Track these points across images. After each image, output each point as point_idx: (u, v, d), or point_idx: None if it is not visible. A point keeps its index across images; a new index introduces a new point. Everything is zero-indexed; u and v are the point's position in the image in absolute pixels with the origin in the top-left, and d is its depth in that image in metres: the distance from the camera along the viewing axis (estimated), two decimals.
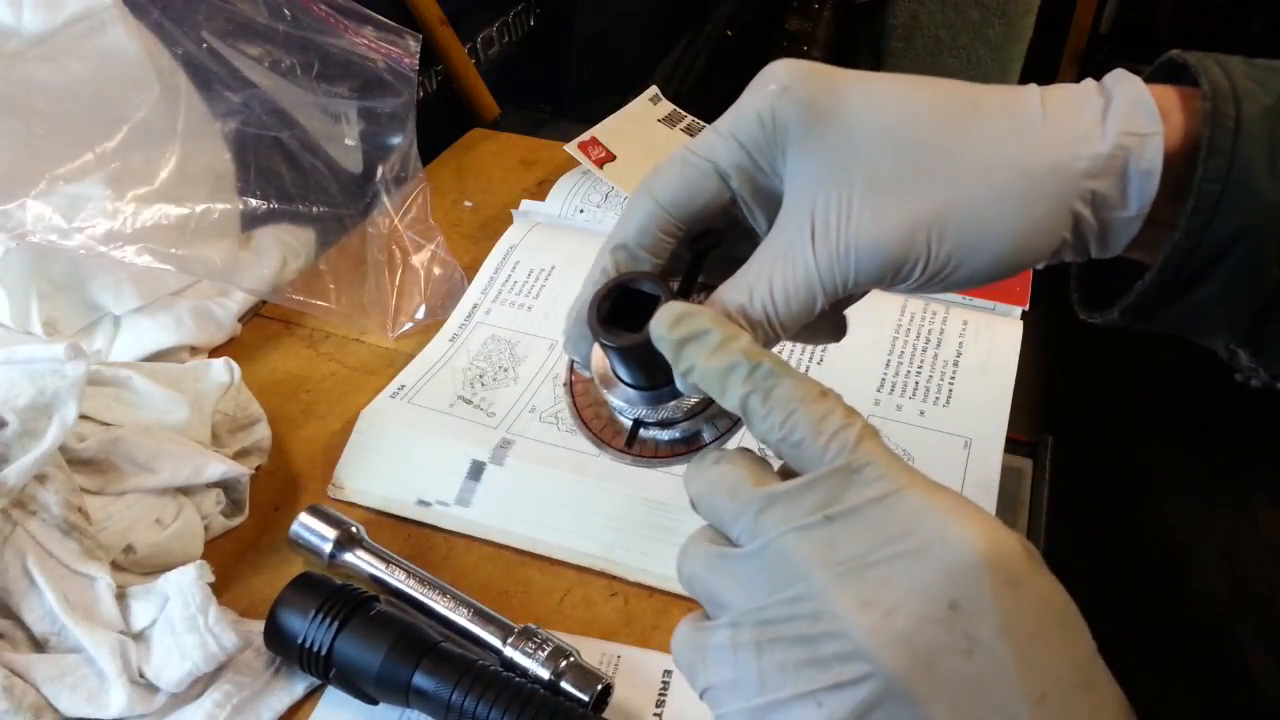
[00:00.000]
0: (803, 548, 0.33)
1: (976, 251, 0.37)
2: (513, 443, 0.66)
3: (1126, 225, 0.37)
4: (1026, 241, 0.37)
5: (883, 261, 0.36)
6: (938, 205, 0.36)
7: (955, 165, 0.36)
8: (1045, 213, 0.36)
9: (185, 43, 0.75)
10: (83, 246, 0.66)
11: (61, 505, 0.54)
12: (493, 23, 1.19)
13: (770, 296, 0.37)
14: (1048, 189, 0.36)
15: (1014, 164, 0.36)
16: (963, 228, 0.36)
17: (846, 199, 0.37)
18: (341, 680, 0.52)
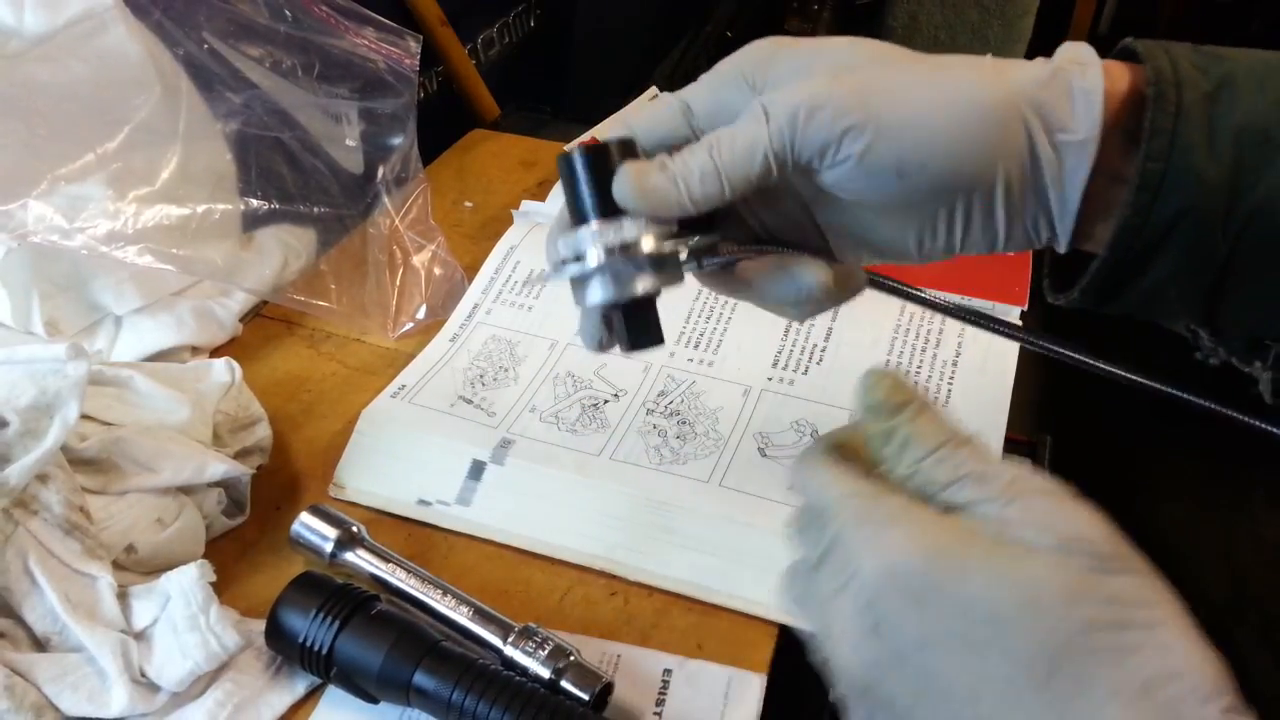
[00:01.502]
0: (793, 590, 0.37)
1: (920, 120, 0.39)
2: (513, 442, 0.66)
3: (1078, 151, 0.39)
4: (971, 124, 0.39)
5: (829, 119, 0.39)
6: (890, 81, 0.39)
7: (911, 63, 0.40)
8: (990, 100, 0.39)
9: (186, 43, 0.75)
10: (84, 247, 0.67)
11: (63, 505, 0.54)
12: (493, 23, 1.20)
13: (716, 141, 0.40)
14: (992, 83, 0.39)
15: (966, 67, 0.40)
16: (908, 97, 0.39)
17: (803, 79, 0.40)
18: (342, 679, 0.53)
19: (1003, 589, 0.31)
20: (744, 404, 0.69)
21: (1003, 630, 0.31)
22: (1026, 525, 0.32)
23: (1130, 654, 0.30)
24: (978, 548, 0.32)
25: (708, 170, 0.40)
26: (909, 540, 0.33)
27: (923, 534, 0.33)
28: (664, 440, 0.67)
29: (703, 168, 0.40)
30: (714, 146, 0.40)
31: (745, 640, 0.57)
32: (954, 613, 0.31)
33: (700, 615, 0.59)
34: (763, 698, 0.54)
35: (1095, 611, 0.30)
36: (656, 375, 0.72)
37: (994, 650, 0.31)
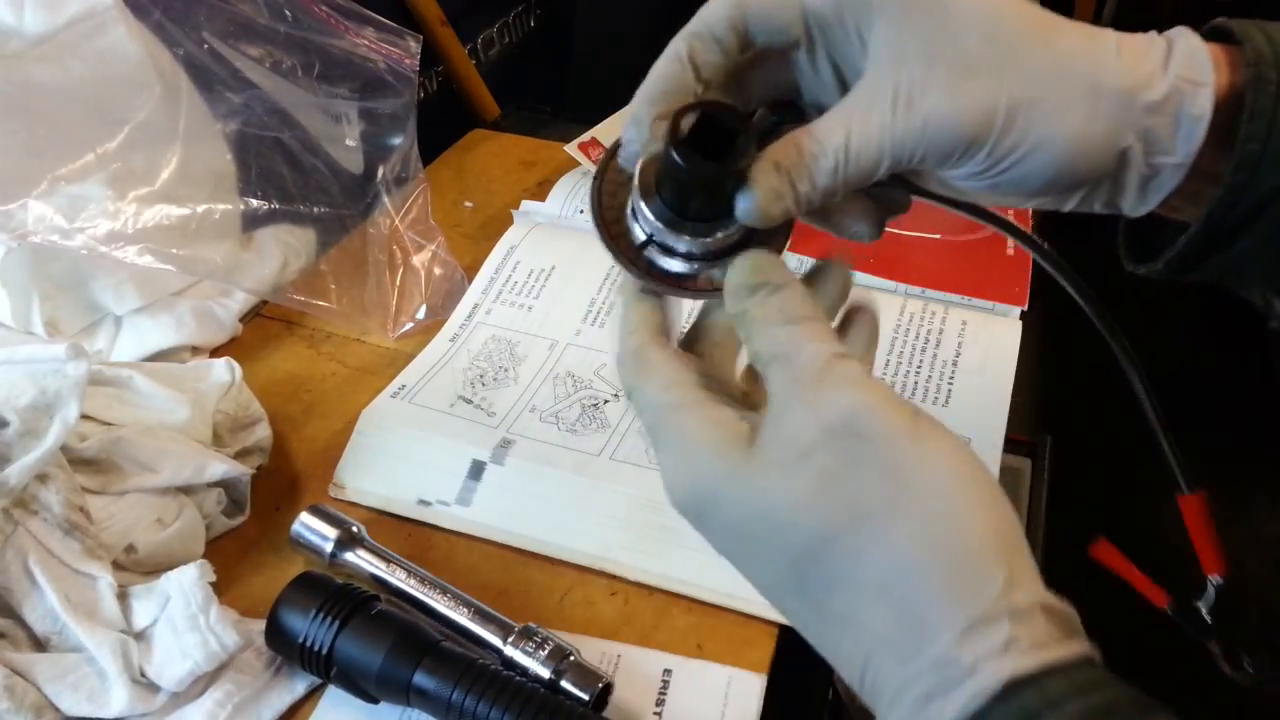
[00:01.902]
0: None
1: (1036, 150, 0.39)
2: (513, 442, 0.66)
3: (1170, 174, 0.40)
4: (1080, 155, 0.39)
5: (954, 136, 0.38)
6: (1014, 97, 0.38)
7: (1035, 67, 0.39)
8: (1104, 132, 0.39)
9: (186, 43, 0.75)
10: (84, 247, 0.67)
11: (63, 505, 0.54)
12: (493, 24, 1.19)
13: (844, 147, 0.39)
14: (1111, 110, 0.39)
15: (1086, 80, 0.39)
16: (1030, 122, 0.38)
17: (932, 72, 0.38)
18: (342, 679, 0.53)
19: (746, 509, 0.34)
20: None
21: (754, 546, 0.35)
22: (782, 432, 0.34)
23: (864, 554, 0.32)
24: (726, 472, 0.35)
25: (830, 188, 0.39)
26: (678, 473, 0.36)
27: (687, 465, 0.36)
28: None
29: (826, 187, 0.39)
30: (845, 161, 0.39)
31: (745, 640, 0.57)
32: (721, 534, 0.36)
33: (700, 615, 0.59)
34: (763, 698, 0.54)
35: (829, 516, 0.33)
36: None
37: (756, 561, 0.35)
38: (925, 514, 0.32)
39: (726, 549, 0.36)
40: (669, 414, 0.37)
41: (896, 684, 0.32)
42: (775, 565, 0.35)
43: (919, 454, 0.33)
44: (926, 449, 0.33)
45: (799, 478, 0.33)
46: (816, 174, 0.39)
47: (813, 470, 0.33)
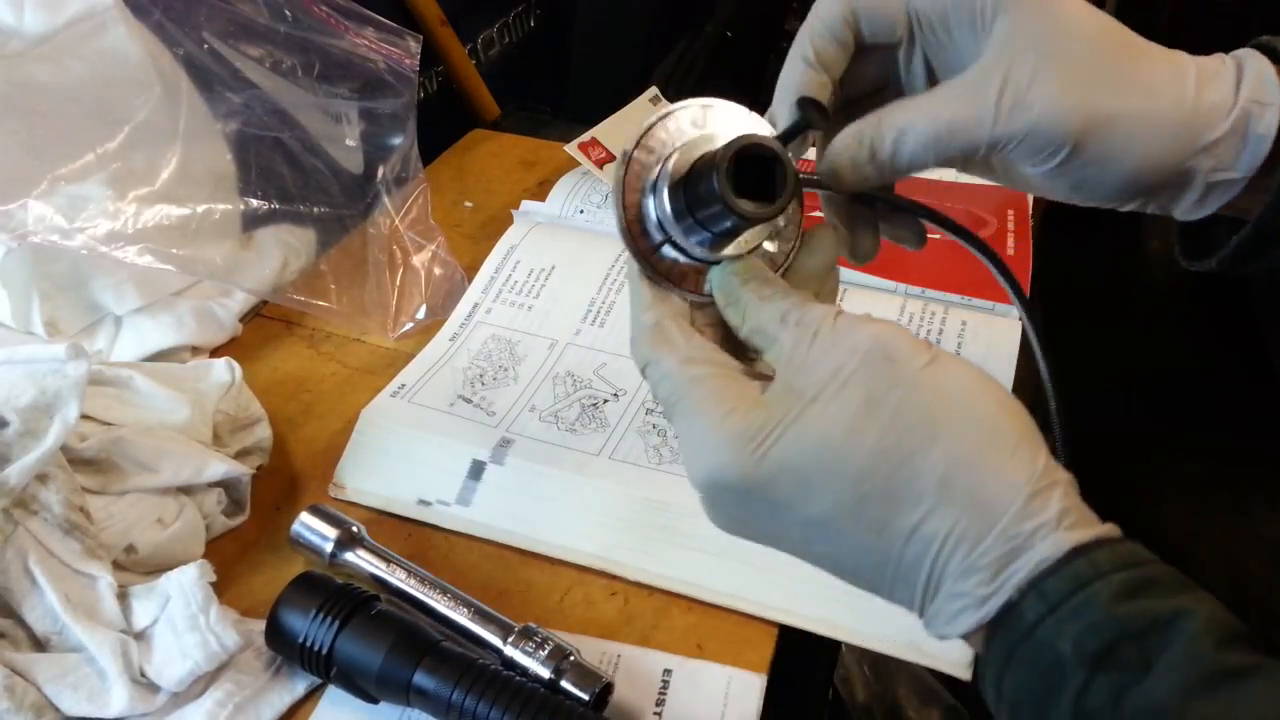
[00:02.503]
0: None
1: (1115, 161, 0.41)
2: (513, 442, 0.66)
3: (1228, 189, 0.42)
4: (1152, 171, 0.42)
5: (1052, 134, 0.41)
6: (1110, 109, 0.41)
7: (1129, 85, 0.41)
8: (1178, 154, 0.41)
9: (186, 43, 0.75)
10: (84, 247, 0.67)
11: (63, 505, 0.54)
12: (493, 24, 1.19)
13: (943, 123, 0.41)
14: (1185, 134, 0.41)
15: (1171, 105, 0.41)
16: (1116, 135, 0.41)
17: (1043, 68, 0.41)
18: (342, 679, 0.53)
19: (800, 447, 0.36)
20: None
21: (810, 482, 0.36)
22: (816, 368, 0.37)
23: (919, 458, 0.35)
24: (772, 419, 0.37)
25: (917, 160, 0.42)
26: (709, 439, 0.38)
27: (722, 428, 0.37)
28: (663, 440, 0.67)
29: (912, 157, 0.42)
30: (928, 135, 0.41)
31: (745, 640, 0.57)
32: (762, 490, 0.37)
33: (700, 615, 0.59)
34: (763, 698, 0.54)
35: (882, 431, 0.36)
36: None
37: (804, 503, 0.37)
38: (964, 414, 0.36)
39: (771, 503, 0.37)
40: (694, 385, 0.39)
41: (963, 566, 0.35)
42: (833, 495, 0.36)
43: (942, 368, 0.37)
44: (947, 363, 0.37)
45: (844, 403, 0.36)
46: (901, 146, 0.42)
47: (857, 394, 0.36)
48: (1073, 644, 0.33)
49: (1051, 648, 0.33)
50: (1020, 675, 0.34)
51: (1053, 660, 0.33)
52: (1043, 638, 0.34)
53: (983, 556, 0.35)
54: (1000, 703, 0.36)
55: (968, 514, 0.35)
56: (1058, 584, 0.33)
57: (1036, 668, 0.34)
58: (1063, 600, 0.33)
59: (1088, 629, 0.33)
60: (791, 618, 0.58)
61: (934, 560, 0.35)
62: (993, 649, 0.35)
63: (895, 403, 0.36)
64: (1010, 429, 0.36)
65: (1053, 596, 0.34)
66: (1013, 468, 0.35)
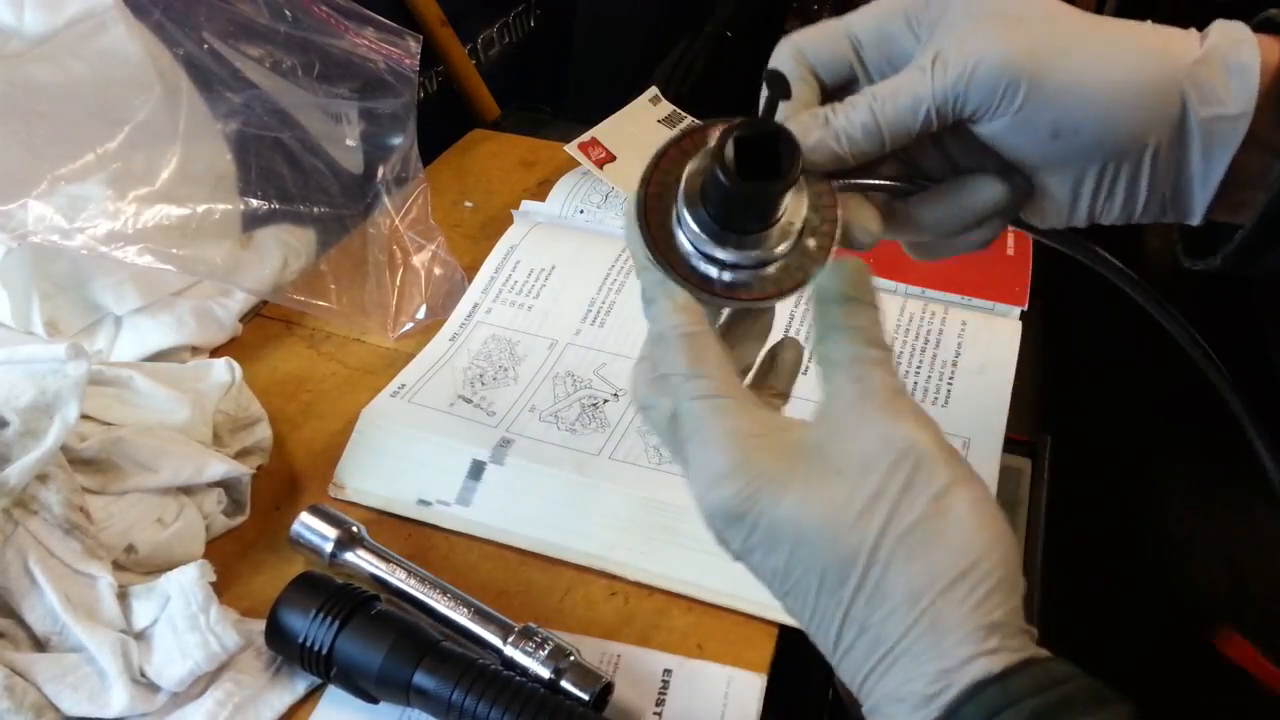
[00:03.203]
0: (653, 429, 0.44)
1: (1083, 85, 0.40)
2: (513, 442, 0.66)
3: (1231, 125, 0.40)
4: (1130, 96, 0.40)
5: (995, 75, 0.40)
6: (1057, 41, 0.40)
7: (1077, 24, 0.40)
8: (1152, 77, 0.40)
9: (186, 43, 0.75)
10: (84, 247, 0.67)
11: (63, 505, 0.54)
12: (493, 24, 1.19)
13: (883, 103, 0.41)
14: (1155, 59, 0.40)
15: (1128, 35, 0.40)
16: (1075, 60, 0.39)
17: (978, 26, 0.40)
18: (342, 679, 0.53)
19: (804, 509, 0.36)
20: None
21: (800, 545, 0.37)
22: (850, 441, 0.37)
23: (902, 566, 0.36)
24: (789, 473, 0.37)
25: (869, 126, 0.41)
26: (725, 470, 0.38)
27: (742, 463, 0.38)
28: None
29: (865, 123, 0.41)
30: (876, 101, 0.41)
31: (745, 640, 0.57)
32: (763, 532, 0.37)
33: (700, 615, 0.59)
34: (763, 698, 0.54)
35: (881, 526, 0.36)
36: None
37: (795, 560, 0.37)
38: (956, 543, 0.36)
39: (753, 544, 0.38)
40: (721, 414, 0.39)
41: (897, 686, 0.35)
42: (817, 564, 0.37)
43: (959, 490, 0.36)
44: (964, 487, 0.37)
45: (861, 487, 0.36)
46: (852, 112, 0.41)
47: (874, 482, 0.36)
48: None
49: None
50: None
51: None
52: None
53: (915, 680, 0.35)
54: None
55: (921, 636, 0.35)
56: (971, 713, 0.34)
57: None
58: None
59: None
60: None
61: (877, 662, 0.36)
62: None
63: (905, 504, 0.36)
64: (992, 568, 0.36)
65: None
66: (978, 605, 0.35)
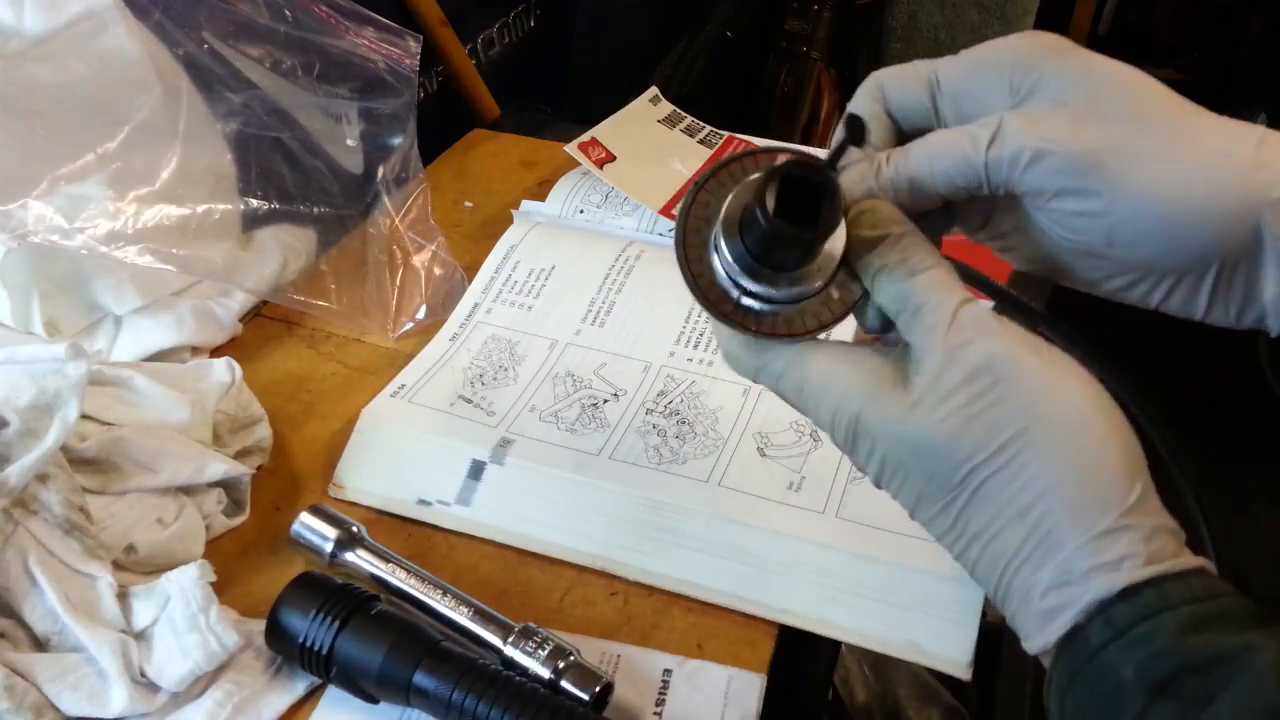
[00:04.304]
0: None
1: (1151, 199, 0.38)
2: (513, 442, 0.66)
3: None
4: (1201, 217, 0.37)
5: (1053, 170, 0.38)
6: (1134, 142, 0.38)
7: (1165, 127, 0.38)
8: (1232, 201, 0.37)
9: (186, 43, 0.75)
10: (84, 247, 0.67)
11: (63, 505, 0.54)
12: (493, 23, 1.19)
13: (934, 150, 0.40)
14: (1240, 180, 0.37)
15: (1218, 149, 0.38)
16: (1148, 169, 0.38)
17: (1048, 108, 0.39)
18: (342, 679, 0.53)
19: (899, 445, 0.38)
20: (743, 404, 0.69)
21: (905, 474, 0.39)
22: (924, 375, 0.38)
23: (1002, 481, 0.36)
24: (878, 407, 0.39)
25: (919, 182, 0.41)
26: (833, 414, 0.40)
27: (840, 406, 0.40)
28: (663, 440, 0.67)
29: (914, 179, 0.41)
30: (928, 158, 0.41)
31: (745, 640, 0.57)
32: (874, 463, 0.40)
33: (700, 615, 0.59)
34: (763, 698, 0.54)
35: (973, 449, 0.37)
36: (656, 375, 0.72)
37: (905, 487, 0.39)
38: (1059, 444, 0.36)
39: (878, 475, 0.40)
40: (805, 366, 0.40)
41: (1025, 589, 0.36)
42: (924, 490, 0.38)
43: (1053, 390, 0.36)
44: (1059, 386, 0.37)
45: (945, 417, 0.37)
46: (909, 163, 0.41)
47: (956, 409, 0.37)
48: (1135, 671, 0.33)
49: (1114, 673, 0.34)
50: (1081, 697, 0.35)
51: (1113, 685, 0.34)
52: (1106, 662, 0.34)
53: (1036, 586, 0.36)
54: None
55: (1034, 542, 0.36)
56: (1125, 611, 0.34)
57: (1097, 691, 0.34)
58: (1128, 627, 0.34)
59: (1151, 657, 0.33)
60: (791, 618, 0.58)
61: (1002, 573, 0.37)
62: (1058, 667, 0.36)
63: (993, 421, 0.36)
64: (1105, 464, 0.36)
65: (1119, 623, 0.34)
66: (1094, 508, 0.35)
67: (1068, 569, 0.35)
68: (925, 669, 0.57)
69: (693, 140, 0.95)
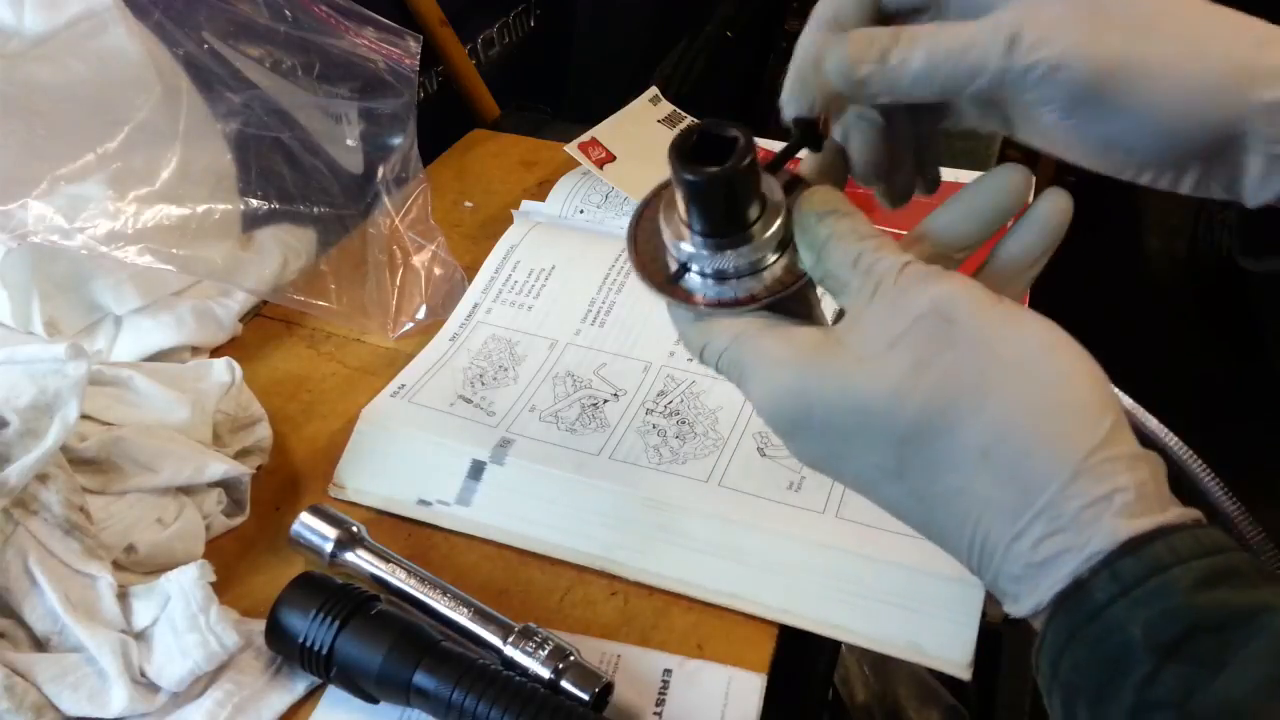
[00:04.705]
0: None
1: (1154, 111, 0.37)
2: (513, 442, 0.66)
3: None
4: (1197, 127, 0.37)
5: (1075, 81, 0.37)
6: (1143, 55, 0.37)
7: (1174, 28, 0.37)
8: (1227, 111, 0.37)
9: (186, 43, 0.75)
10: (84, 247, 0.67)
11: (63, 505, 0.54)
12: (493, 23, 1.19)
13: (955, 40, 0.38)
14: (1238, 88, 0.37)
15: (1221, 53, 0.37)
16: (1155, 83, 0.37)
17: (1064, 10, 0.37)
18: (342, 679, 0.53)
19: (841, 404, 0.36)
20: (743, 404, 0.69)
21: (851, 440, 0.36)
22: (868, 328, 0.36)
23: (962, 426, 0.34)
24: (816, 373, 0.36)
25: (920, 78, 0.39)
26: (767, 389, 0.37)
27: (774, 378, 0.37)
28: (663, 440, 0.67)
29: (916, 75, 0.39)
30: (936, 53, 0.38)
31: (745, 640, 0.57)
32: (817, 438, 0.37)
33: (700, 615, 0.59)
34: (763, 698, 0.54)
35: (925, 397, 0.34)
36: (656, 375, 0.72)
37: (853, 456, 0.36)
38: (1020, 379, 0.34)
39: (824, 452, 0.37)
40: (743, 343, 0.38)
41: (1006, 542, 0.34)
42: (874, 455, 0.36)
43: (1008, 329, 0.34)
44: (1014, 324, 0.35)
45: (891, 365, 0.35)
46: (910, 55, 0.38)
47: (904, 356, 0.35)
48: (1143, 630, 0.31)
49: (1120, 631, 0.32)
50: (1081, 656, 0.33)
51: (1119, 645, 0.32)
52: (1111, 620, 0.32)
53: (1021, 537, 0.33)
54: (1054, 681, 0.34)
55: (1006, 487, 0.33)
56: (1133, 566, 0.32)
57: (1100, 651, 0.32)
58: (1137, 583, 0.31)
59: (1162, 616, 0.31)
60: (791, 618, 0.58)
61: (975, 527, 0.34)
62: (1053, 625, 0.33)
63: (945, 366, 0.34)
64: (1071, 396, 0.33)
65: (1127, 578, 0.32)
66: (1066, 439, 0.33)
67: (1056, 512, 0.32)
68: (925, 669, 0.57)
69: None
